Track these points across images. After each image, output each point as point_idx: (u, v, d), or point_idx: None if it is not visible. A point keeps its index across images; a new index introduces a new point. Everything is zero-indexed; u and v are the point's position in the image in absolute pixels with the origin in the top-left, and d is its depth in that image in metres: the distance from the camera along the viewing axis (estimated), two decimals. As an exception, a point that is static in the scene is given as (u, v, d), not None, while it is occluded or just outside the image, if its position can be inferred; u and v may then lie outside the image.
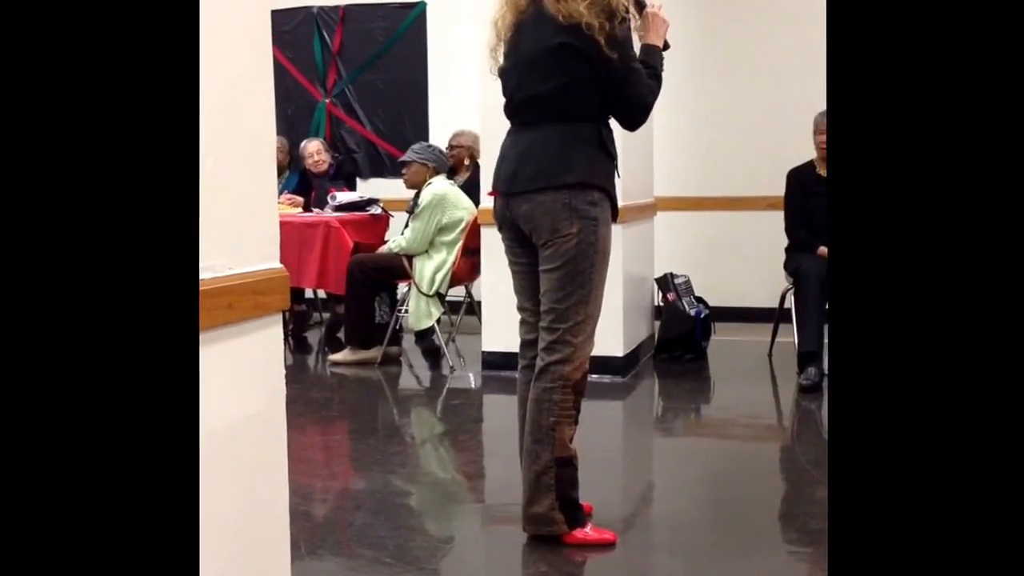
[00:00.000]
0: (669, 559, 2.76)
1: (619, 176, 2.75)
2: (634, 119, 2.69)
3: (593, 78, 2.57)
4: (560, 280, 2.60)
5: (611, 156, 2.67)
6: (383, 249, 5.28)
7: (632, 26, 2.64)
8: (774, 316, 5.30)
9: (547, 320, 2.63)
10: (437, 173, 5.18)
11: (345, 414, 4.56)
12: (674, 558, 2.75)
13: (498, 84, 2.78)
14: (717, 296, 5.88)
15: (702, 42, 6.43)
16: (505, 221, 2.72)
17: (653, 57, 2.70)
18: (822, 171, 4.89)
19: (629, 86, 2.58)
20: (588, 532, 2.71)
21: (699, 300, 5.47)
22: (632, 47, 2.63)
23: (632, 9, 2.62)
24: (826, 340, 4.57)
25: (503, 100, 2.76)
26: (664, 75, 2.71)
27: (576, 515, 2.70)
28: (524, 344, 2.78)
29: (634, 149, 5.03)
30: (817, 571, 2.54)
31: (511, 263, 2.79)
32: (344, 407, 4.68)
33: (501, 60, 2.74)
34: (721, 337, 5.71)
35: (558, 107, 2.60)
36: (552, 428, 2.62)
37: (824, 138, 4.81)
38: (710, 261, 6.28)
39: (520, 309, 2.78)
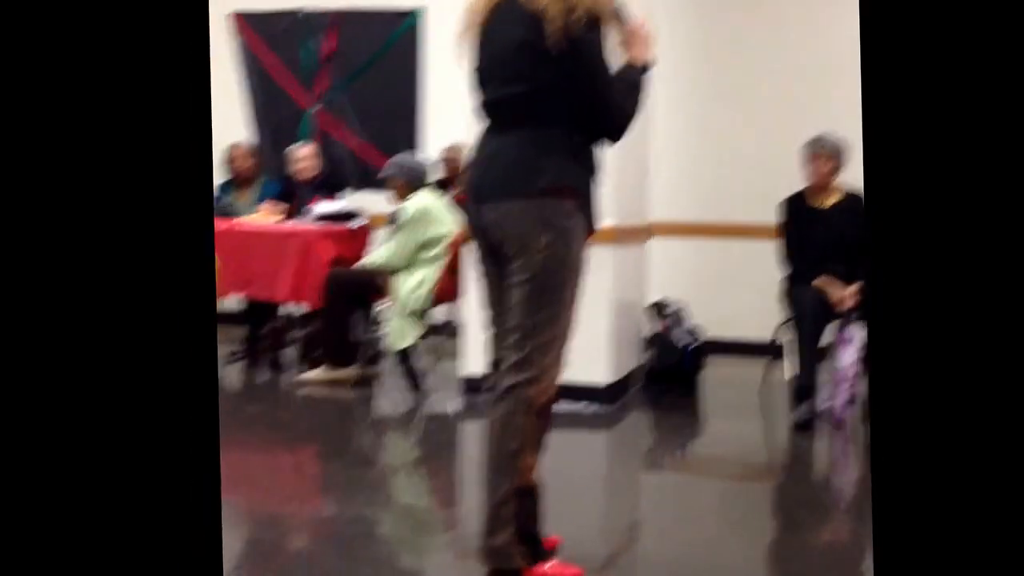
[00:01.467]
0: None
1: (595, 188, 2.52)
2: (608, 131, 2.48)
3: (561, 83, 2.38)
4: (528, 295, 2.40)
5: (587, 166, 2.47)
6: (362, 264, 5.06)
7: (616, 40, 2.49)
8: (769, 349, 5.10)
9: (513, 338, 2.42)
10: (412, 188, 4.96)
11: (311, 436, 4.31)
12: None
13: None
14: (714, 327, 5.69)
15: (705, 64, 6.26)
16: (476, 230, 2.54)
17: (630, 72, 2.50)
18: (812, 201, 4.70)
19: (597, 94, 2.40)
20: (550, 568, 2.49)
21: (691, 331, 5.25)
22: (602, 54, 2.42)
23: (612, 20, 2.44)
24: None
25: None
26: (665, 97, 2.53)
27: (538, 549, 2.49)
28: (496, 363, 2.56)
29: (627, 170, 4.84)
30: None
31: (482, 274, 2.59)
32: (310, 429, 4.44)
33: (473, 51, 2.55)
34: (715, 369, 5.50)
35: (527, 111, 2.42)
36: (514, 455, 2.41)
37: (814, 167, 4.63)
38: (709, 290, 6.06)
39: (491, 323, 2.58)
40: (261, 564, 2.67)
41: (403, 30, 6.81)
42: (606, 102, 2.42)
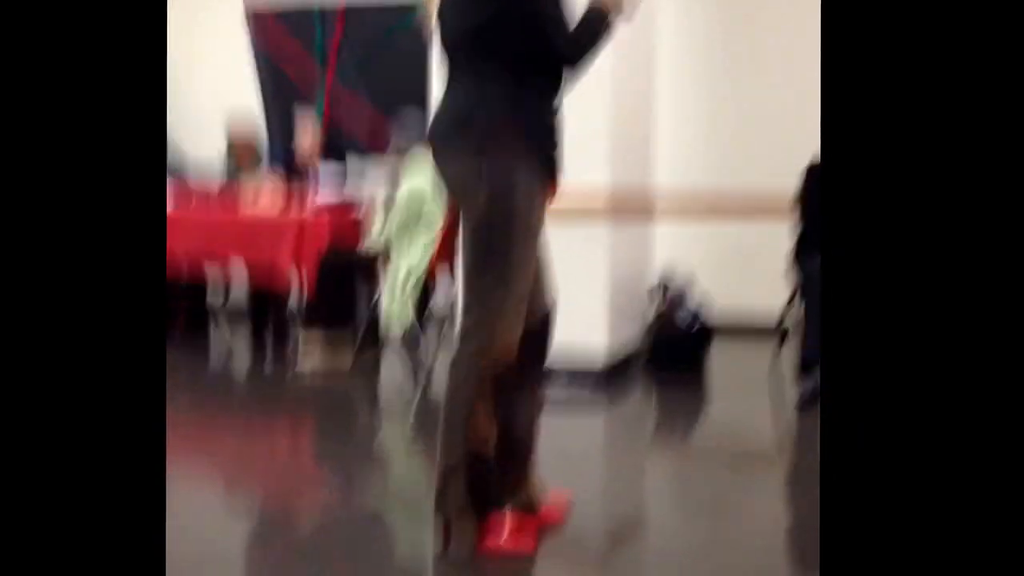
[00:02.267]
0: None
1: (546, 140, 2.37)
2: (560, 58, 2.34)
3: (504, 16, 2.26)
4: (473, 255, 2.30)
5: (533, 118, 2.33)
6: (360, 247, 4.99)
7: None
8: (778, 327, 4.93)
9: (464, 301, 2.33)
10: (413, 157, 4.87)
11: (312, 422, 4.23)
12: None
13: None
14: (722, 307, 5.52)
15: (720, 24, 6.09)
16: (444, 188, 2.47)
17: (588, 13, 2.35)
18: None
19: (542, 30, 2.27)
20: (498, 533, 2.40)
21: (697, 310, 5.09)
22: None
23: None
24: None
25: None
26: (672, 58, 2.43)
27: (486, 513, 2.41)
28: None
29: (627, 143, 4.72)
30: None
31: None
32: (311, 415, 4.35)
33: None
34: (725, 348, 5.33)
35: (469, 55, 2.32)
36: (464, 422, 2.31)
37: None
38: (717, 269, 5.89)
39: None
40: (266, 549, 2.58)
41: (409, 21, 6.80)
42: (554, 43, 2.29)
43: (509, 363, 2.33)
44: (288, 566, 2.38)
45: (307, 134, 5.86)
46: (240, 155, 6.09)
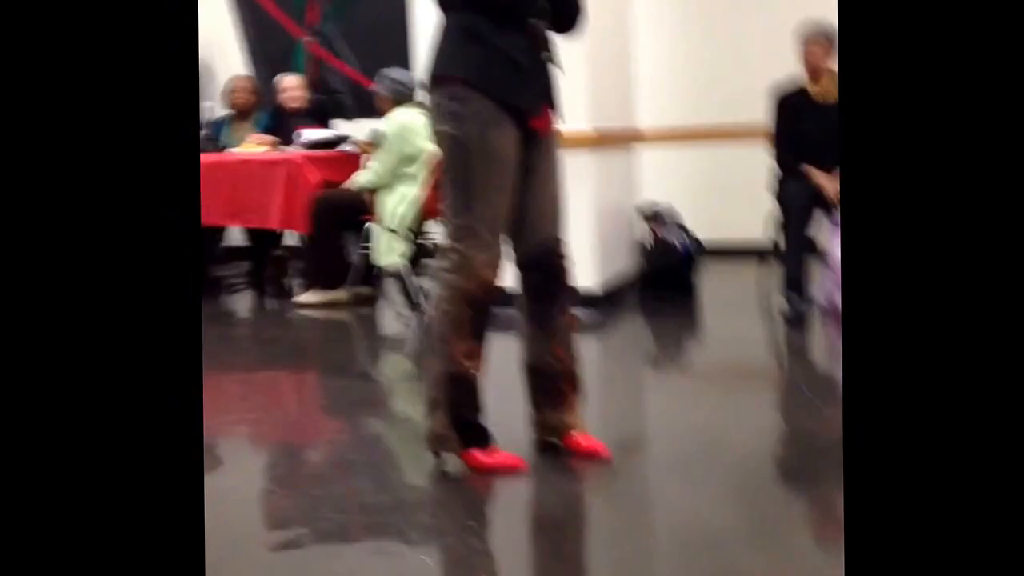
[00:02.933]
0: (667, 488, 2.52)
1: (504, 68, 2.39)
2: None
3: None
4: (444, 182, 2.44)
5: (488, 46, 2.37)
6: (348, 185, 5.05)
7: None
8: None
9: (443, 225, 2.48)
10: (396, 103, 4.93)
11: (311, 357, 4.35)
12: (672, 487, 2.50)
13: None
14: (708, 231, 5.60)
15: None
16: None
17: None
18: (813, 91, 4.54)
19: None
20: (485, 454, 2.50)
21: (687, 232, 5.18)
22: None
23: None
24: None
25: None
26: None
27: (471, 435, 2.51)
28: None
29: (607, 72, 4.75)
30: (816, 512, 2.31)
31: None
32: (310, 350, 4.48)
33: None
34: (714, 272, 5.44)
35: None
36: (443, 341, 2.42)
37: (810, 49, 4.46)
38: (701, 195, 5.96)
39: None
40: (282, 482, 2.70)
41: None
42: None
43: (486, 286, 2.41)
44: (295, 488, 2.51)
45: (290, 95, 5.88)
46: (240, 102, 6.09)
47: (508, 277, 2.55)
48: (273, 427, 3.24)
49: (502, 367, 2.80)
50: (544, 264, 2.55)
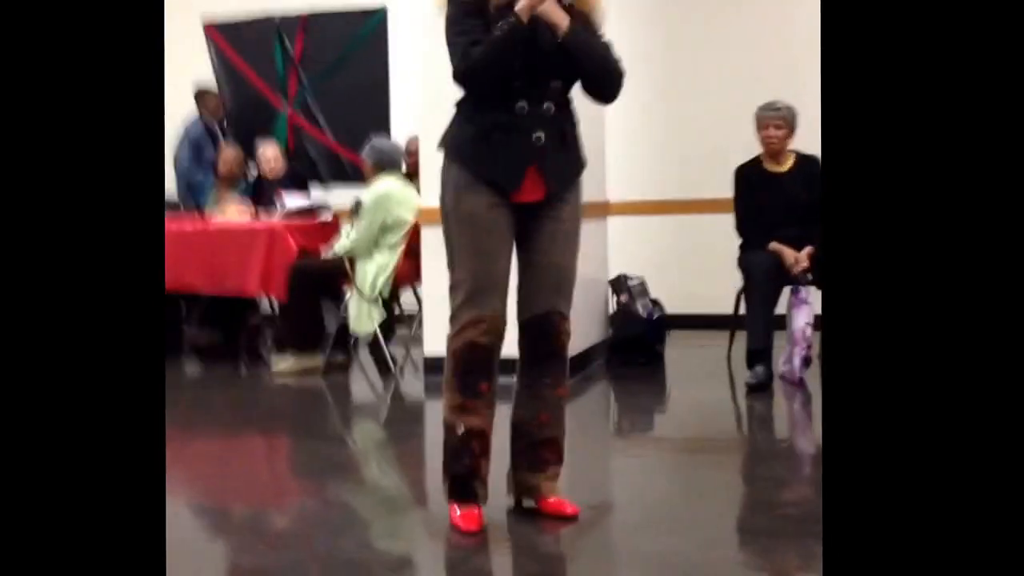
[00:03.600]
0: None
1: (484, 143, 2.57)
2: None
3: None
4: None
5: (473, 123, 2.59)
6: (328, 254, 5.16)
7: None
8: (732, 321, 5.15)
9: None
10: (380, 171, 5.08)
11: (284, 423, 4.41)
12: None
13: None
14: (679, 302, 5.75)
15: (665, 42, 6.33)
16: None
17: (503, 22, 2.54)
18: (769, 166, 4.75)
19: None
20: (462, 511, 2.64)
21: (654, 302, 5.33)
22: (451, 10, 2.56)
23: None
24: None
25: None
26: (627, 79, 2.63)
27: (455, 488, 2.65)
28: None
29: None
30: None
31: None
32: (284, 416, 4.54)
33: None
34: (681, 342, 5.56)
35: None
36: (445, 398, 2.65)
37: (768, 132, 4.67)
38: (670, 266, 6.12)
39: None
40: (243, 547, 2.74)
41: (371, 27, 6.94)
42: (449, 50, 2.56)
43: (471, 344, 2.54)
44: (265, 560, 2.57)
45: (270, 163, 6.06)
46: (226, 172, 6.25)
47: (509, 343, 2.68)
48: (250, 489, 3.30)
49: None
50: (538, 331, 2.67)
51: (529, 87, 2.55)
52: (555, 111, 2.58)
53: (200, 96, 6.85)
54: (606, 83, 2.63)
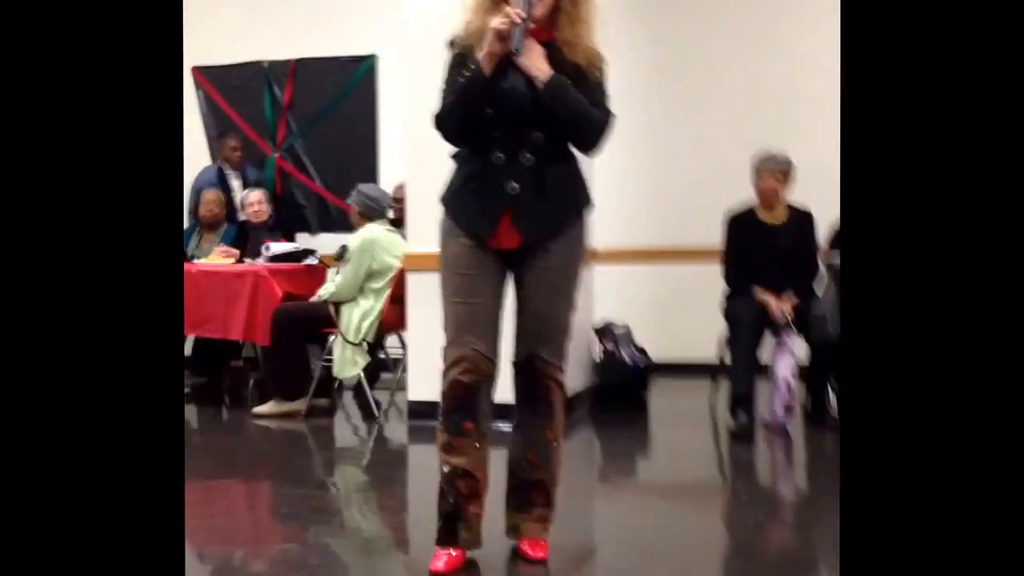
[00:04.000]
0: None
1: (467, 196, 2.66)
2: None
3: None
4: None
5: (458, 176, 2.70)
6: (313, 298, 5.17)
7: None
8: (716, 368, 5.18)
9: None
10: (369, 219, 5.11)
11: (266, 467, 4.38)
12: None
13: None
14: (664, 349, 5.78)
15: (649, 92, 6.42)
16: None
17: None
18: (763, 216, 4.81)
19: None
20: (440, 552, 2.66)
21: (639, 350, 5.35)
22: (450, 71, 2.65)
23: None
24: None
25: None
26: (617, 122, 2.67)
27: (440, 528, 2.68)
28: None
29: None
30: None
31: None
32: (266, 460, 4.51)
33: None
34: (666, 389, 5.58)
35: None
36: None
37: (767, 183, 4.74)
38: (655, 313, 6.16)
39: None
40: None
41: (360, 74, 7.02)
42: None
43: (455, 384, 2.60)
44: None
45: (256, 209, 6.09)
46: (207, 215, 6.27)
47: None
48: (232, 533, 3.28)
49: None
50: (523, 375, 2.72)
51: (506, 137, 2.59)
52: (535, 161, 2.59)
53: (218, 140, 6.75)
54: (580, 136, 2.63)
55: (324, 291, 5.08)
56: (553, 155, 2.63)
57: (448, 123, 2.62)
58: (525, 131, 2.58)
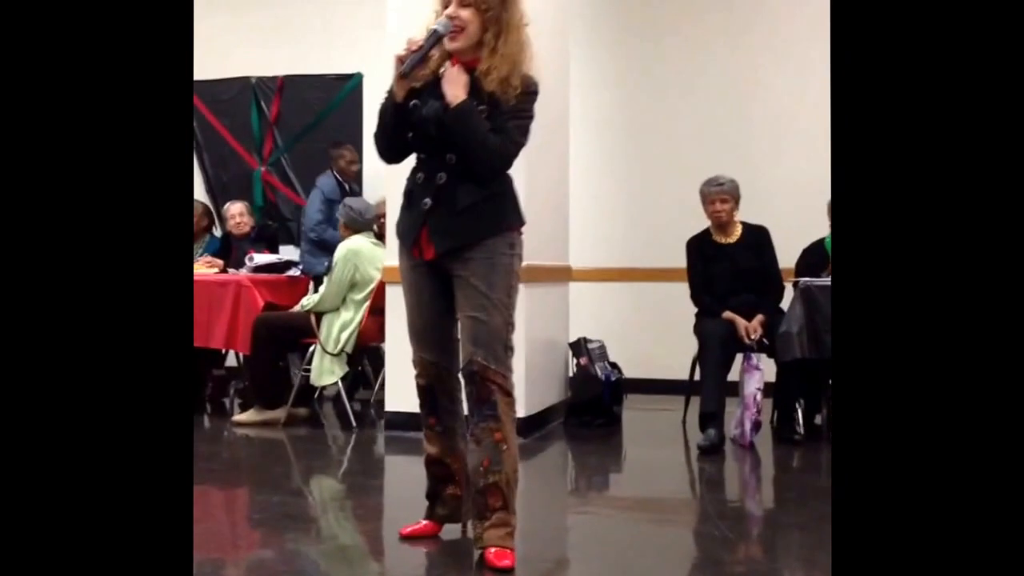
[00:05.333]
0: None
1: (409, 215, 2.91)
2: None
3: None
4: None
5: (403, 200, 2.95)
6: (296, 308, 5.27)
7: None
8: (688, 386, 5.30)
9: None
10: (355, 231, 5.21)
11: (244, 475, 4.46)
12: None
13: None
14: (637, 366, 5.90)
15: (623, 117, 6.57)
16: None
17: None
18: (718, 238, 4.96)
19: None
20: (414, 526, 3.09)
21: (613, 366, 5.47)
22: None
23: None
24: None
25: None
26: (579, 142, 2.85)
27: (431, 509, 3.08)
28: None
29: (545, 211, 5.09)
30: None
31: None
32: (244, 468, 4.59)
33: None
34: (639, 405, 5.69)
35: None
36: None
37: (715, 207, 4.89)
38: (629, 331, 6.29)
39: None
40: None
41: (346, 92, 7.14)
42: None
43: (419, 384, 2.98)
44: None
45: (237, 221, 6.20)
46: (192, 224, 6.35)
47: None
48: (208, 539, 3.34)
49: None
50: (467, 380, 2.86)
51: (427, 159, 2.86)
52: (446, 180, 2.79)
53: (334, 149, 6.74)
54: (474, 162, 2.78)
55: (308, 300, 5.18)
56: (467, 175, 2.80)
57: (376, 143, 2.94)
58: (440, 152, 2.81)
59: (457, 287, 2.82)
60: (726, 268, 4.87)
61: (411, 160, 2.96)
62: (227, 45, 7.32)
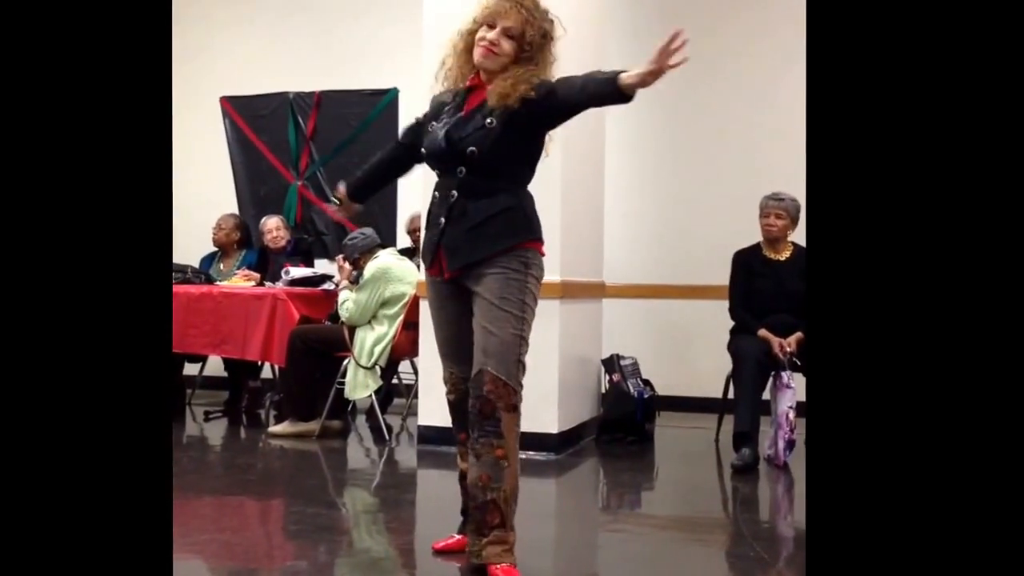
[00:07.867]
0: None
1: (430, 232, 2.97)
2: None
3: None
4: None
5: (428, 220, 3.03)
6: (334, 309, 5.32)
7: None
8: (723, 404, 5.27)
9: None
10: (370, 252, 5.25)
11: (278, 484, 4.49)
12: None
13: None
14: (671, 384, 5.88)
15: (657, 134, 6.57)
16: None
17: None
18: (768, 253, 4.94)
19: None
20: (445, 541, 3.14)
21: (645, 382, 5.46)
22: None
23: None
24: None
25: None
26: (618, 160, 2.86)
27: (463, 524, 3.08)
28: None
29: (579, 228, 5.10)
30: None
31: None
32: (278, 478, 4.63)
33: None
34: (671, 423, 5.67)
35: None
36: None
37: (769, 220, 4.87)
38: (662, 348, 6.28)
39: None
40: None
41: (382, 107, 7.21)
42: None
43: (449, 399, 3.03)
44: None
45: (274, 235, 6.27)
46: (224, 240, 6.43)
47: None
48: (242, 550, 3.37)
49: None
50: (474, 391, 2.82)
51: (441, 176, 2.93)
52: (457, 197, 2.82)
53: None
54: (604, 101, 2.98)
55: (343, 309, 5.20)
56: (478, 191, 2.81)
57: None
58: (452, 167, 2.85)
59: (474, 303, 2.83)
60: (769, 285, 4.84)
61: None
62: (266, 62, 7.45)
